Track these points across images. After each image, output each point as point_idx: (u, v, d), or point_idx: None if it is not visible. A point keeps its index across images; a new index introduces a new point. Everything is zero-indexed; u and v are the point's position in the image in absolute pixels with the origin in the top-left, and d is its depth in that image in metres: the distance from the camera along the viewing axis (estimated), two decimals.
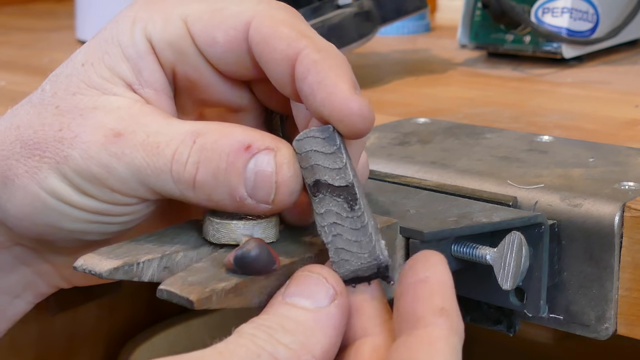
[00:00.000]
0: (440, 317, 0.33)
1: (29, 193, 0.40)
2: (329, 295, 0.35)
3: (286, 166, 0.37)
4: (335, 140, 0.37)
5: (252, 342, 0.33)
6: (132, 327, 1.01)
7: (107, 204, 0.40)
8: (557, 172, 0.47)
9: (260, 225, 0.39)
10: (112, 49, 0.40)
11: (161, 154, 0.38)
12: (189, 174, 0.38)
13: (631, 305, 0.43)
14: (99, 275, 0.37)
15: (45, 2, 1.27)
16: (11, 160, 0.40)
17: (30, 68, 0.84)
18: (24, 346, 0.92)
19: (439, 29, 1.03)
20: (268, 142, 0.38)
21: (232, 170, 0.37)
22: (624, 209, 0.43)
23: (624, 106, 0.65)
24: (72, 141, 0.39)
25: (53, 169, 0.39)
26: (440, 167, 0.49)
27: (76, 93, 0.40)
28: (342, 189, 0.37)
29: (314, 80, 0.37)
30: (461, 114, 0.62)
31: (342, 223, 0.37)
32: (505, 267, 0.41)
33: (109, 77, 0.40)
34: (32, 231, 0.41)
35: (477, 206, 0.43)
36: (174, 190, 0.38)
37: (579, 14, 0.79)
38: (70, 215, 0.40)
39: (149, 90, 0.40)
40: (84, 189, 0.39)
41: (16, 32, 1.05)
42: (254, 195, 0.37)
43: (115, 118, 0.39)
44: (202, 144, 0.38)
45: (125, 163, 0.38)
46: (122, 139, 0.38)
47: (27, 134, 0.40)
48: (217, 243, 0.39)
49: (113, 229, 0.41)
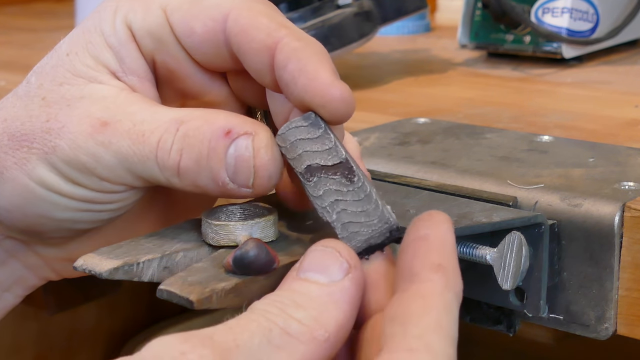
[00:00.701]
0: (436, 273, 0.33)
1: (18, 184, 0.40)
2: (343, 269, 0.34)
3: (263, 150, 0.38)
4: (320, 124, 0.38)
5: (263, 317, 0.32)
6: (132, 327, 1.01)
7: (96, 192, 0.40)
8: (557, 172, 0.47)
9: (258, 225, 0.39)
10: (95, 38, 0.41)
11: (146, 142, 0.39)
12: (173, 161, 0.38)
13: (631, 305, 0.43)
14: (99, 275, 0.37)
15: (45, 2, 1.27)
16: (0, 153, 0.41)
17: (30, 68, 0.84)
18: (24, 346, 0.92)
19: (439, 29, 1.03)
20: (247, 127, 0.38)
21: (213, 155, 0.38)
22: (624, 209, 0.43)
23: (624, 106, 0.65)
24: (59, 131, 0.40)
25: (41, 160, 0.40)
26: (440, 167, 0.49)
27: (63, 83, 0.41)
28: (337, 166, 0.37)
29: (295, 67, 0.37)
30: (461, 114, 0.62)
31: (344, 198, 0.37)
32: (505, 267, 0.41)
33: (93, 65, 0.41)
34: (23, 222, 0.42)
35: (477, 206, 0.43)
36: (160, 177, 0.39)
37: (579, 14, 0.79)
38: (59, 204, 0.40)
39: (132, 77, 0.41)
40: (72, 178, 0.40)
41: (16, 32, 1.05)
42: (235, 180, 0.38)
43: (102, 107, 0.40)
44: (185, 131, 0.38)
45: (112, 151, 0.39)
46: (108, 128, 0.39)
47: (15, 126, 0.41)
48: (217, 245, 0.39)
49: (102, 217, 0.42)
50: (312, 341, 0.32)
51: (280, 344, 0.32)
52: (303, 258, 0.35)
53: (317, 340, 0.33)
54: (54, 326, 0.94)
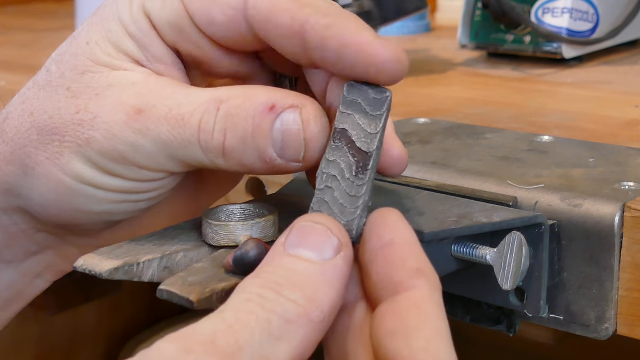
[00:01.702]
0: (419, 278, 0.33)
1: (52, 180, 0.39)
2: (335, 247, 0.34)
3: (313, 122, 0.37)
4: (383, 105, 0.37)
5: (260, 307, 0.32)
6: (132, 327, 1.01)
7: (134, 182, 0.39)
8: (557, 172, 0.47)
9: (258, 225, 0.39)
10: (114, 26, 0.40)
11: (187, 125, 0.38)
12: (217, 142, 0.38)
13: (631, 305, 0.43)
14: (99, 275, 0.37)
15: (45, 2, 1.27)
16: (29, 148, 0.40)
17: (30, 68, 0.83)
18: (24, 346, 0.92)
19: (439, 29, 1.03)
20: (291, 99, 0.37)
21: (258, 132, 0.37)
22: (624, 209, 0.43)
23: (624, 106, 0.65)
24: (91, 122, 0.39)
25: (75, 153, 0.39)
26: (440, 167, 0.49)
27: (85, 72, 0.40)
28: (360, 152, 0.36)
29: (336, 43, 0.36)
30: (461, 114, 0.62)
31: (341, 181, 0.36)
32: (505, 267, 0.41)
33: (114, 54, 0.40)
34: (57, 217, 0.41)
35: (477, 206, 0.43)
36: (204, 160, 0.38)
37: (579, 14, 0.79)
38: (96, 197, 0.40)
39: (158, 65, 0.40)
40: (109, 170, 0.39)
41: (16, 32, 1.05)
42: (283, 155, 0.37)
43: (133, 94, 0.39)
44: (227, 110, 0.37)
45: (151, 138, 0.38)
46: (144, 114, 0.38)
47: (42, 120, 0.40)
48: (217, 245, 0.39)
49: (140, 207, 0.41)
50: (309, 323, 0.32)
51: (279, 335, 0.32)
52: (289, 231, 0.34)
53: (313, 322, 0.32)
54: (54, 326, 0.94)
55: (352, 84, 0.37)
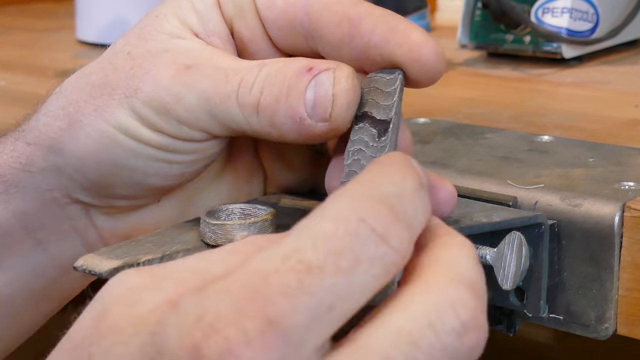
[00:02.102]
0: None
1: (95, 130, 0.41)
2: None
3: (344, 79, 0.39)
4: (396, 81, 0.39)
5: None
6: None
7: (173, 138, 0.41)
8: (557, 172, 0.47)
9: (255, 225, 0.39)
10: (184, 2, 0.43)
11: (229, 81, 0.40)
12: (254, 98, 0.39)
13: (631, 305, 0.43)
14: (99, 275, 0.37)
15: (45, 2, 1.27)
16: (80, 103, 0.42)
17: (30, 68, 0.84)
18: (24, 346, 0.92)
19: (439, 29, 1.03)
20: (329, 64, 0.39)
21: (293, 91, 0.39)
22: (624, 209, 0.43)
23: (624, 106, 0.65)
24: (143, 77, 0.41)
25: (122, 104, 0.41)
26: (440, 167, 0.49)
27: (148, 40, 0.42)
28: (380, 122, 0.38)
29: (386, 28, 0.39)
30: (461, 114, 0.62)
31: (366, 150, 0.38)
32: (505, 267, 0.41)
33: (178, 25, 0.42)
34: (95, 172, 0.42)
35: (477, 206, 0.43)
36: (239, 117, 0.40)
37: (579, 14, 0.79)
38: (135, 150, 0.41)
39: (215, 38, 0.42)
40: (151, 121, 0.41)
41: (16, 32, 1.05)
42: (313, 114, 0.39)
43: (187, 56, 0.41)
44: (268, 71, 0.40)
45: (194, 91, 0.40)
46: (192, 70, 0.40)
47: (99, 78, 0.42)
48: (215, 245, 0.39)
49: (175, 171, 0.42)
50: None
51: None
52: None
53: None
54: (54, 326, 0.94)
55: (370, 77, 0.40)
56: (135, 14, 0.89)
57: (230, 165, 0.46)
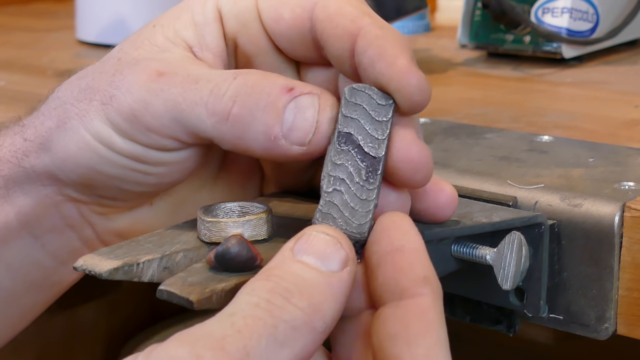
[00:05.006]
0: (425, 286, 0.34)
1: (76, 134, 0.42)
2: (342, 260, 0.34)
3: (329, 108, 0.38)
4: (389, 112, 0.37)
5: (269, 314, 0.32)
6: (132, 327, 1.01)
7: (144, 147, 0.41)
8: (557, 172, 0.47)
9: (250, 223, 0.39)
10: (184, 14, 0.43)
11: (199, 88, 0.39)
12: (225, 106, 0.39)
13: (631, 305, 0.43)
14: (99, 275, 0.37)
15: (45, 2, 1.27)
16: (67, 105, 0.42)
17: (30, 68, 0.84)
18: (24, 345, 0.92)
19: (439, 29, 1.03)
20: (311, 88, 0.39)
21: (270, 108, 0.38)
22: (624, 209, 0.43)
23: (624, 106, 0.65)
24: (119, 83, 0.41)
25: (98, 111, 0.41)
26: (440, 167, 0.49)
27: (139, 48, 0.42)
28: (369, 157, 0.37)
29: (375, 52, 0.38)
30: (461, 114, 0.62)
31: (350, 185, 0.37)
32: (505, 267, 0.41)
33: (172, 37, 0.42)
34: (75, 173, 0.42)
35: (477, 206, 0.43)
36: (206, 125, 0.39)
37: (579, 14, 0.79)
38: (109, 159, 0.41)
39: (207, 53, 0.42)
40: (122, 129, 0.41)
41: (16, 32, 1.05)
42: (288, 136, 0.38)
43: (162, 63, 0.41)
44: (244, 81, 0.39)
45: (162, 99, 0.40)
46: (163, 77, 0.40)
47: (86, 82, 0.42)
48: (209, 242, 0.39)
49: (149, 180, 0.42)
50: (312, 332, 0.33)
51: (284, 341, 0.32)
52: (300, 237, 0.35)
53: (315, 331, 0.33)
54: (54, 326, 0.94)
55: (353, 87, 0.38)
56: (135, 14, 0.89)
57: (227, 166, 0.46)
